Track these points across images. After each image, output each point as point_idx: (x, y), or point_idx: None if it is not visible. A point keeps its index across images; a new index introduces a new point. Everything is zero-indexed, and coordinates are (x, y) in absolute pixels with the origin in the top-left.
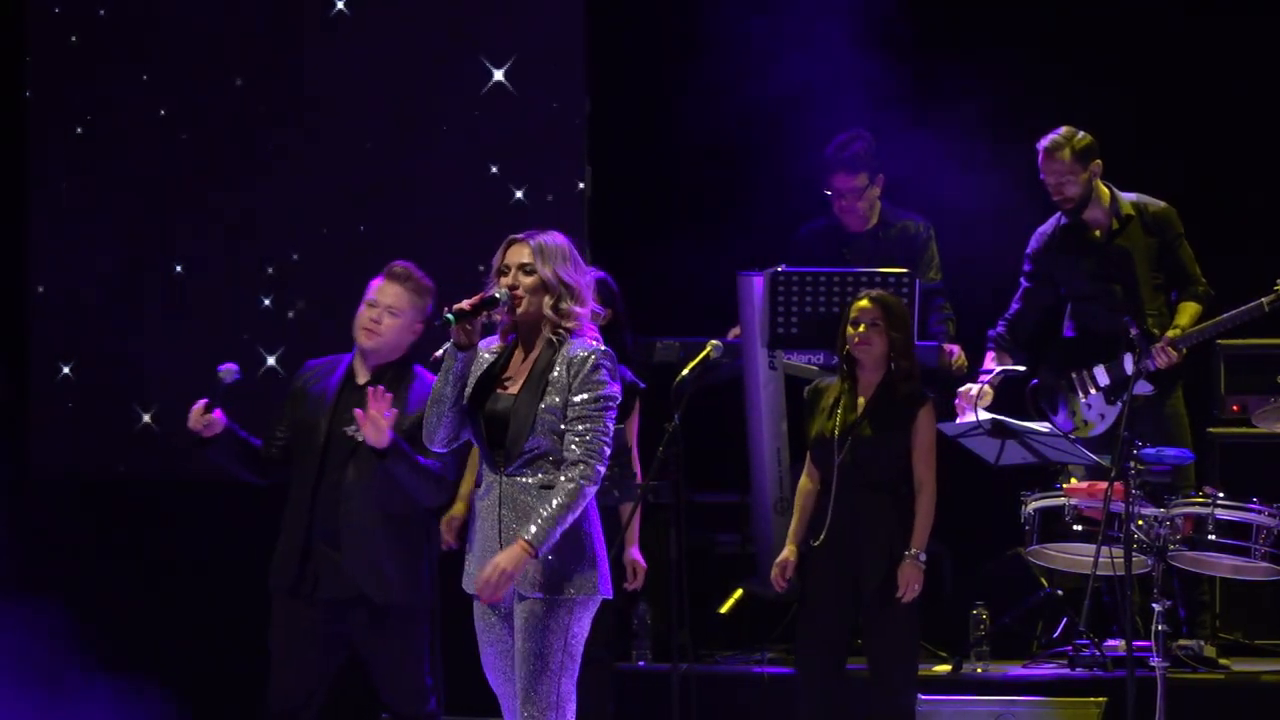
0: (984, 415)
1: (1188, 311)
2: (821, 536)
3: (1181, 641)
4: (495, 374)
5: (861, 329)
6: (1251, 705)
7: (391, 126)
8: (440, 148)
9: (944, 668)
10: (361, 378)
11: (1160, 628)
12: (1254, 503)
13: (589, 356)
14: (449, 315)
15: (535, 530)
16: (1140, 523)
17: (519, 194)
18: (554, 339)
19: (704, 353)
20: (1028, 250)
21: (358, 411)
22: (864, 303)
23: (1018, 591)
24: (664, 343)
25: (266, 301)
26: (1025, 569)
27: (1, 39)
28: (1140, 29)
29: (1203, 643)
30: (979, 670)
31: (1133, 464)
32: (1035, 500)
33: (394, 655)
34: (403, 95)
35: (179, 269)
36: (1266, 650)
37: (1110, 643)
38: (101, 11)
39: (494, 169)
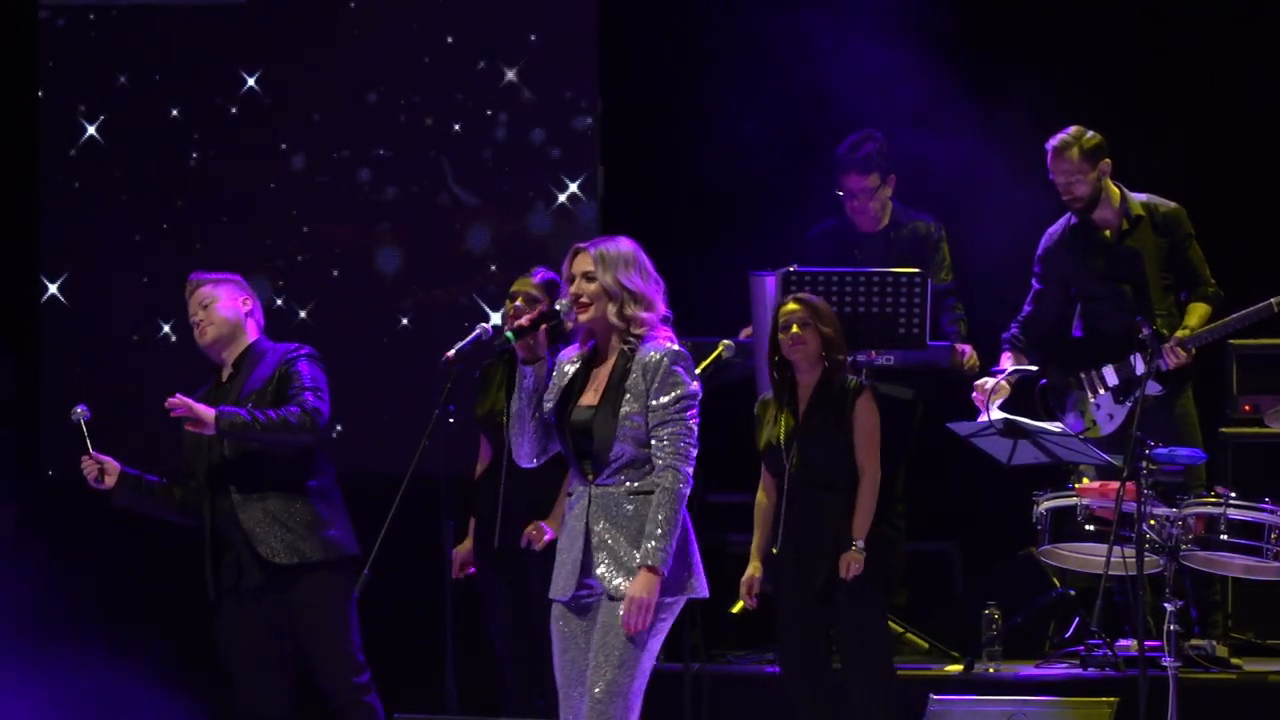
0: (996, 415)
1: (1197, 312)
2: (778, 544)
3: (1193, 641)
4: (576, 385)
5: (794, 330)
6: (1263, 705)
7: (403, 126)
8: (452, 148)
9: (956, 667)
10: (225, 374)
11: (1172, 627)
12: (1266, 502)
13: (662, 358)
14: (509, 334)
15: (651, 550)
16: (1152, 522)
17: (531, 194)
18: (626, 346)
19: (716, 352)
20: (1038, 251)
21: (173, 413)
22: (790, 305)
23: (1030, 591)
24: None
25: (279, 301)
26: (1037, 569)
27: (13, 40)
28: (1148, 30)
29: (1215, 643)
30: (991, 670)
31: (1145, 464)
32: (1047, 500)
33: (320, 622)
34: (414, 95)
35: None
36: (1278, 650)
37: (1122, 643)
38: (113, 12)
39: (506, 168)
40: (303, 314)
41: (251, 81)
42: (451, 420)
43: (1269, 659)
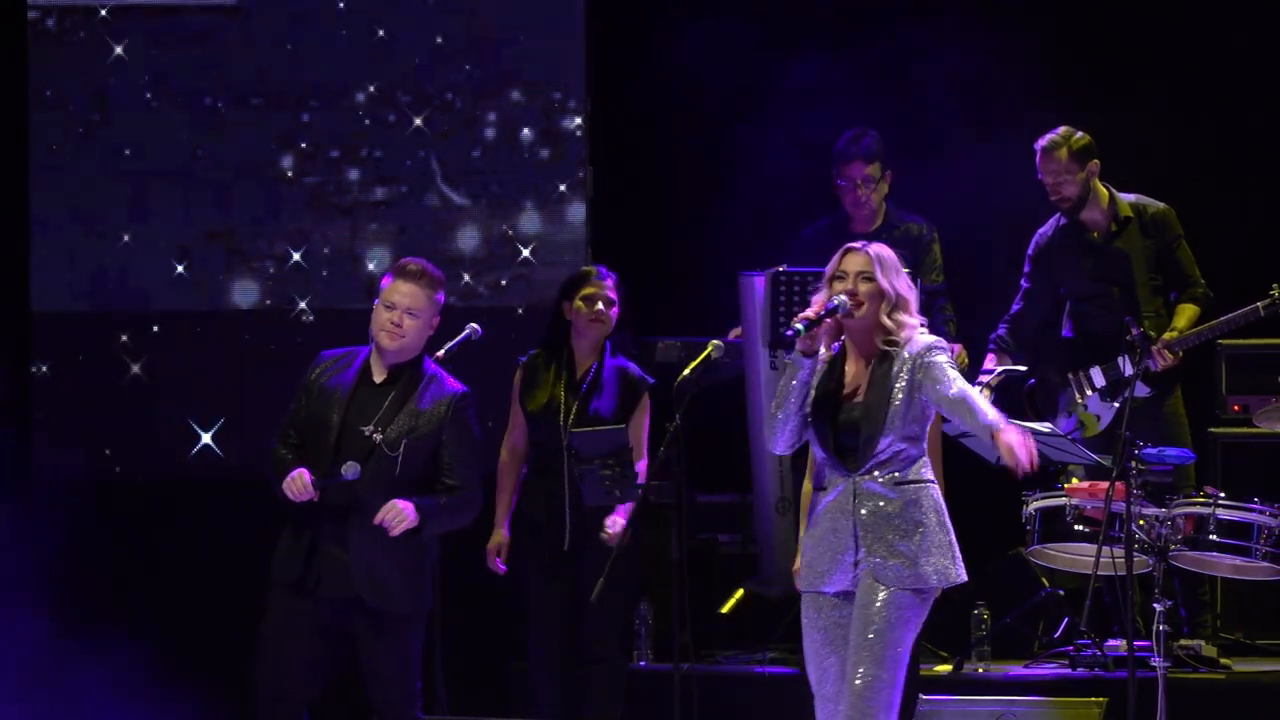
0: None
1: (1185, 314)
2: None
3: (1182, 641)
4: (833, 382)
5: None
6: (1252, 705)
7: (392, 126)
8: (443, 147)
9: (945, 668)
10: (378, 376)
11: (1161, 628)
12: (1255, 502)
13: (926, 350)
14: (799, 326)
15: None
16: (1141, 523)
17: (520, 195)
18: (887, 346)
19: (705, 353)
20: (1028, 251)
21: (379, 520)
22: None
23: (1019, 591)
24: (665, 343)
25: (268, 301)
26: (1026, 569)
27: (3, 38)
28: (1138, 29)
29: (1204, 643)
30: (980, 670)
31: (1134, 464)
32: (1036, 500)
33: (389, 661)
34: (404, 95)
35: (180, 269)
36: (1267, 650)
37: (1111, 643)
38: (103, 12)
39: (495, 169)
40: (292, 314)
41: (240, 81)
42: None
43: (1258, 659)
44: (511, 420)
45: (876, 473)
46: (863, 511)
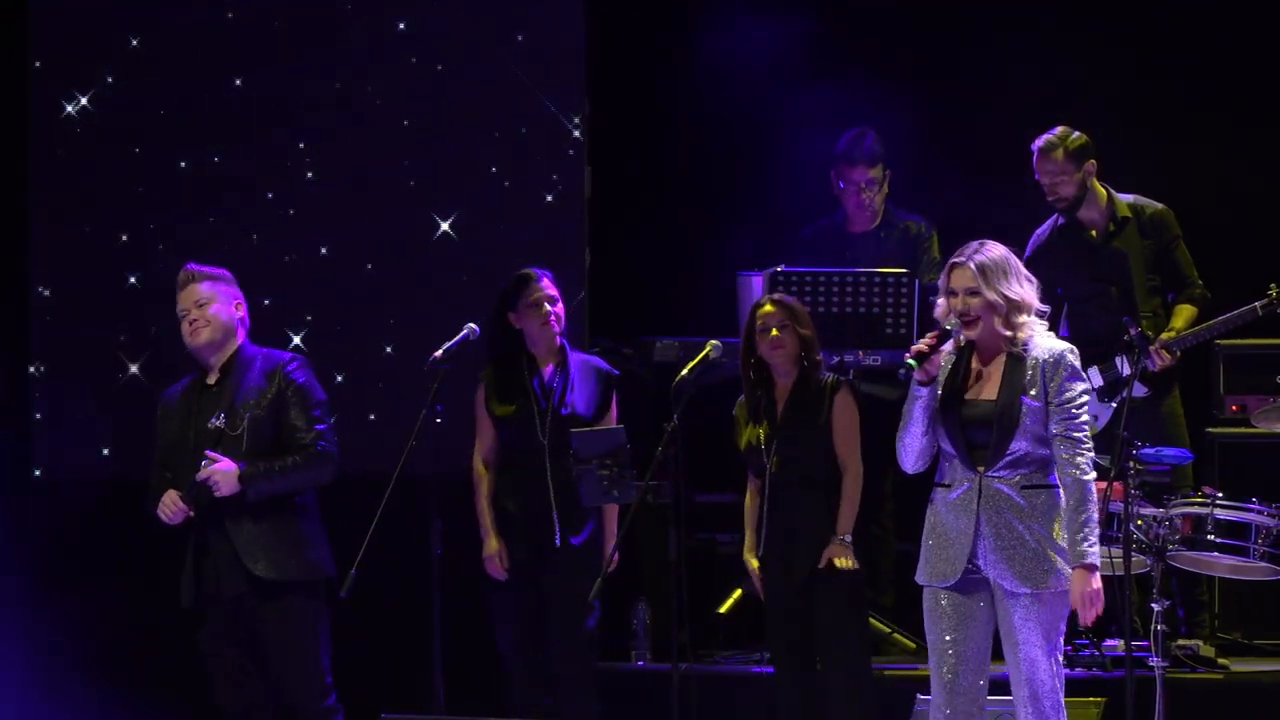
0: None
1: (1183, 314)
2: (761, 546)
3: (1180, 641)
4: (958, 382)
5: (773, 333)
6: (1250, 705)
7: (390, 128)
8: (439, 149)
9: None
10: (212, 378)
11: (1159, 627)
12: (1253, 502)
13: (1061, 356)
14: (910, 361)
15: (1085, 549)
16: (1139, 522)
17: (518, 196)
18: (1015, 347)
19: (703, 353)
20: (1025, 253)
21: (200, 476)
22: (767, 308)
23: None
24: (663, 342)
25: (266, 302)
26: None
27: (3, 38)
28: (1135, 30)
29: (1201, 643)
30: None
31: (1132, 464)
32: None
33: (292, 640)
34: (401, 97)
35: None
36: (1265, 650)
37: (1109, 643)
38: (103, 10)
39: (493, 169)
40: (291, 316)
41: (239, 82)
42: (439, 420)
43: (1256, 659)
44: (479, 430)
45: (1006, 473)
46: (990, 512)
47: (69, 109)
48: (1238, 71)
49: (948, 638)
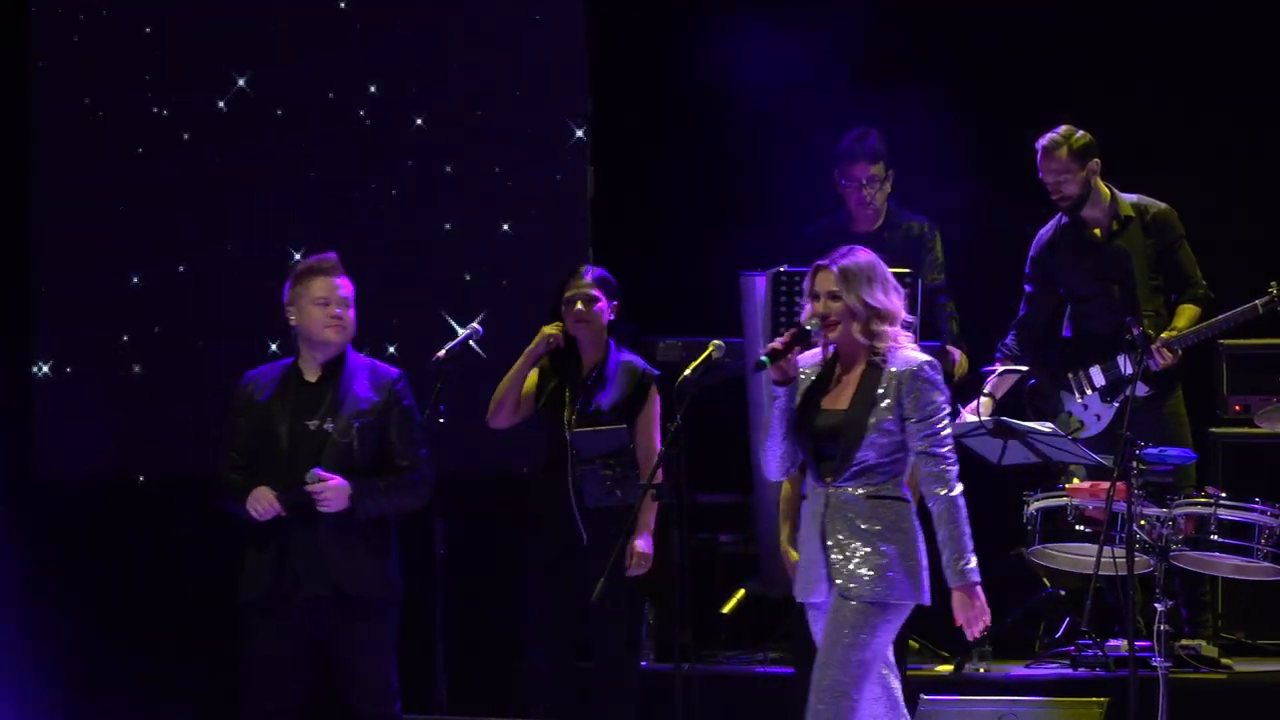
0: (987, 415)
1: (1186, 314)
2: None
3: (1183, 641)
4: (818, 387)
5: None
6: (1253, 705)
7: (393, 130)
8: (444, 149)
9: (946, 668)
10: (311, 375)
11: (1162, 628)
12: (1256, 503)
13: (916, 370)
14: (764, 359)
15: (964, 569)
16: (1142, 523)
17: (522, 194)
18: (875, 356)
19: (706, 353)
20: (1030, 254)
21: (314, 491)
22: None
23: (1020, 592)
24: (666, 343)
25: (271, 300)
26: (1028, 569)
27: (5, 40)
28: (1136, 26)
29: (1205, 643)
30: (981, 670)
31: (1135, 464)
32: (1038, 500)
33: (368, 653)
34: (404, 98)
35: (181, 269)
36: (1268, 650)
37: (1112, 643)
38: (104, 11)
39: (496, 169)
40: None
41: (241, 83)
42: (442, 420)
43: (1259, 659)
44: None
45: (852, 484)
46: (835, 523)
47: (71, 108)
48: (1238, 69)
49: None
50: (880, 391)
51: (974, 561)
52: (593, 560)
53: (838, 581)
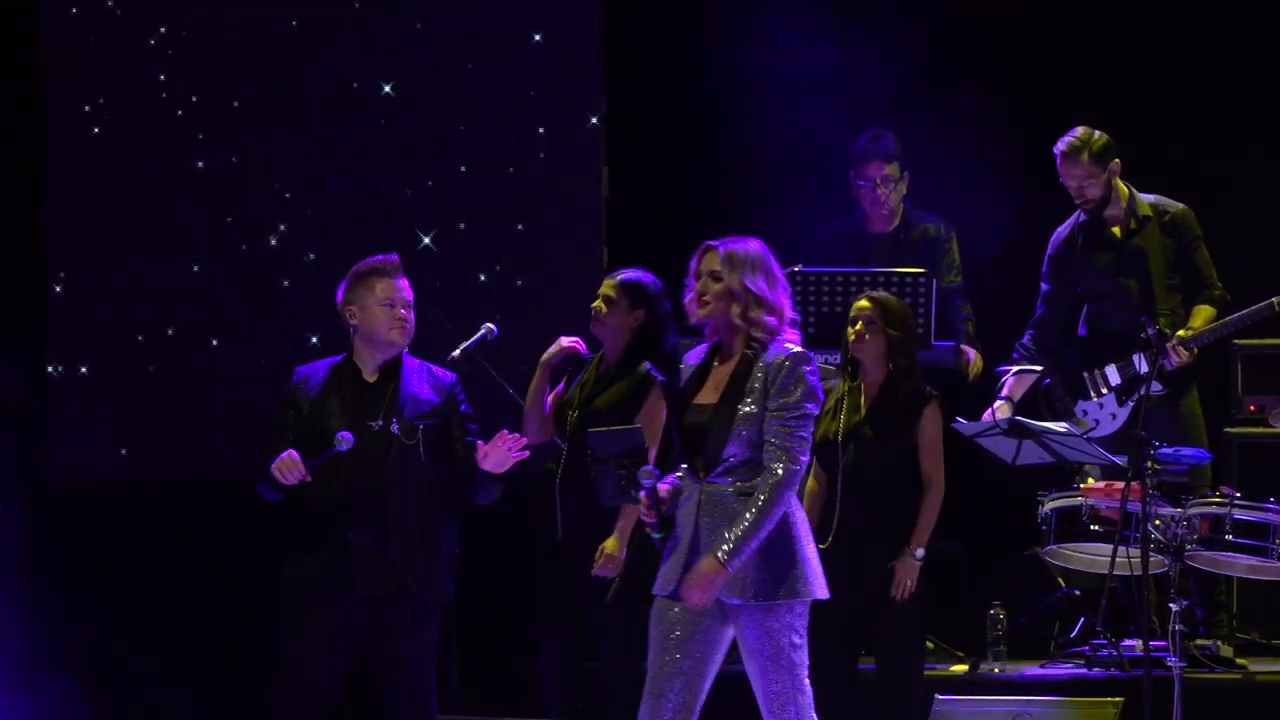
0: (1001, 414)
1: (1202, 314)
2: (829, 539)
3: (1198, 641)
4: (694, 381)
5: (859, 327)
6: (1268, 705)
7: (408, 128)
8: (458, 150)
9: (961, 667)
10: (370, 375)
11: (1177, 627)
12: (1271, 503)
13: (785, 361)
14: (659, 535)
15: (728, 546)
16: (1157, 522)
17: (536, 194)
18: (750, 350)
19: None
20: (1047, 253)
21: (486, 446)
22: (863, 303)
23: (1035, 591)
24: (681, 343)
25: (286, 300)
26: (1042, 569)
27: (17, 40)
28: (1153, 26)
29: (1219, 642)
30: (996, 670)
31: (1150, 464)
32: (1052, 500)
33: (415, 655)
34: (420, 97)
35: (195, 268)
36: None
37: (1127, 643)
38: (118, 11)
39: (511, 168)
40: (309, 315)
41: (255, 80)
42: None
43: (1274, 659)
44: None
45: (724, 480)
46: (707, 519)
47: (84, 107)
48: (1260, 69)
49: (665, 646)
50: (751, 384)
51: (741, 554)
52: (575, 557)
53: (728, 586)
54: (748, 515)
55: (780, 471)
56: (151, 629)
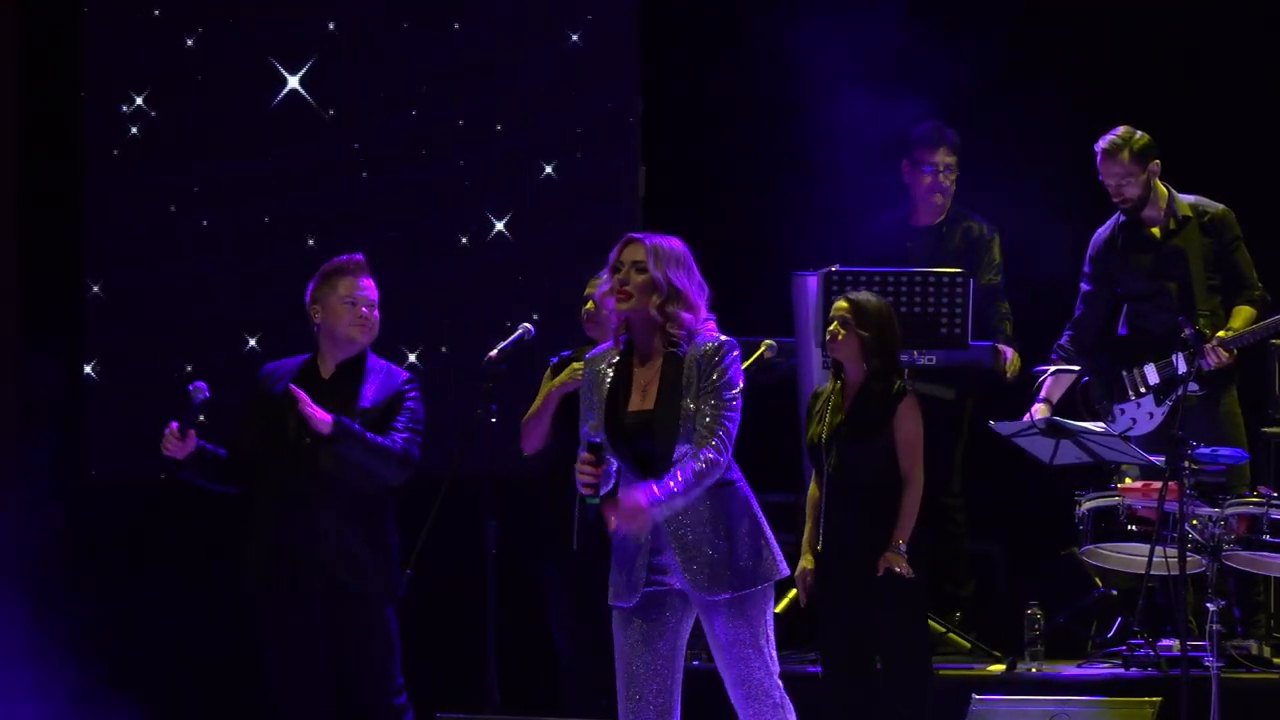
0: (1038, 414)
1: (1242, 315)
2: (820, 543)
3: (1236, 641)
4: (620, 389)
5: (833, 328)
6: None
7: (446, 126)
8: (494, 148)
9: (999, 667)
10: (326, 372)
11: (1214, 627)
12: None
13: (714, 348)
14: (593, 499)
15: (662, 499)
16: (1195, 522)
17: (573, 193)
18: (671, 348)
19: (758, 352)
20: (1088, 253)
21: (302, 408)
22: (841, 304)
23: (1072, 591)
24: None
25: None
26: (1080, 569)
27: (56, 42)
28: (1193, 26)
29: (1257, 642)
30: (1034, 670)
31: (1187, 464)
32: (1090, 500)
33: (371, 646)
34: (456, 95)
35: (231, 269)
36: None
37: (1165, 643)
38: (155, 11)
39: (548, 169)
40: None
41: (292, 83)
42: (494, 420)
43: None
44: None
45: None
46: (672, 523)
47: (122, 110)
48: None
49: (631, 655)
50: (687, 379)
51: (670, 502)
52: (592, 564)
53: (698, 583)
54: (682, 481)
55: (713, 458)
56: (190, 627)
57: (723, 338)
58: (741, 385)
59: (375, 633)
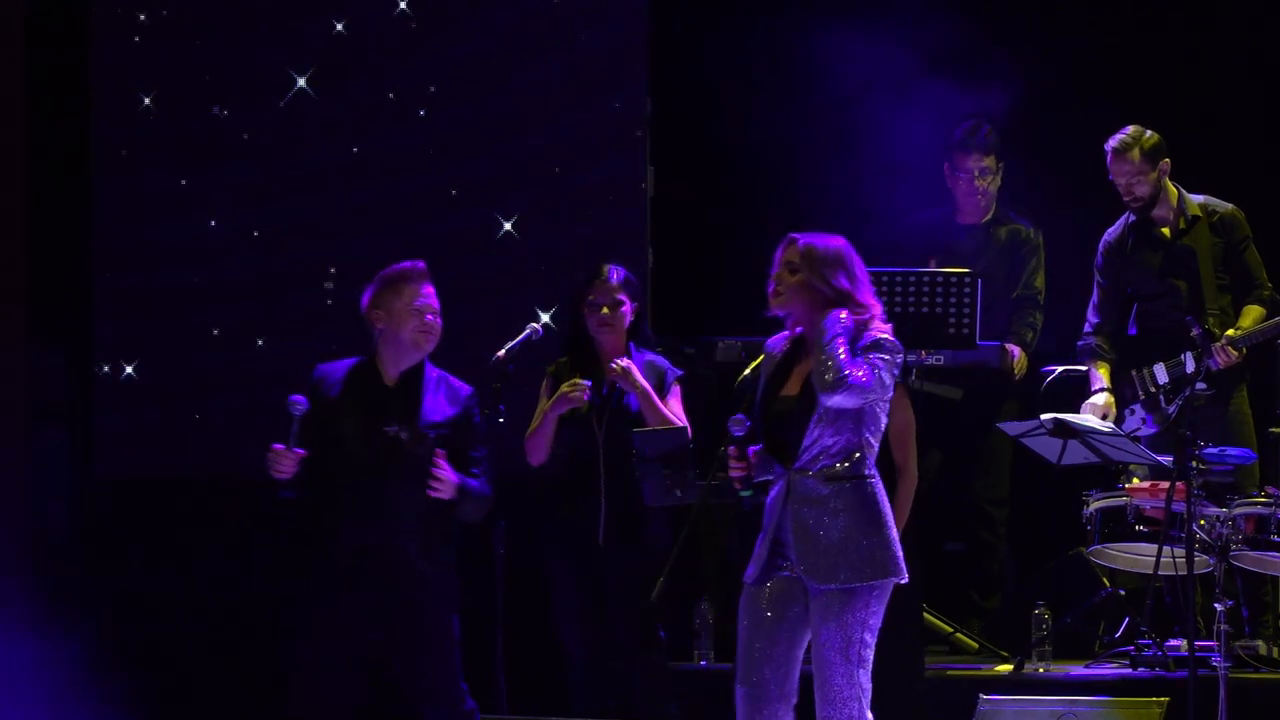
0: (1046, 415)
1: (1251, 314)
2: None
3: (1244, 641)
4: (779, 375)
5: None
6: None
7: (453, 129)
8: (503, 149)
9: (1006, 667)
10: (389, 379)
11: (1222, 628)
12: None
13: (870, 345)
14: (748, 492)
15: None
16: (1202, 522)
17: (582, 193)
18: None
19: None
20: (1099, 253)
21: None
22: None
23: (1080, 591)
24: (725, 342)
25: (329, 302)
26: (1087, 569)
27: (66, 41)
28: (1204, 26)
29: (1265, 643)
30: (1041, 670)
31: (1195, 464)
32: (1097, 500)
33: (440, 643)
34: (465, 95)
35: (242, 268)
36: None
37: (1172, 643)
38: (164, 10)
39: (557, 169)
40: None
41: (302, 83)
42: (501, 420)
43: None
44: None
45: (809, 469)
46: (795, 507)
47: (132, 108)
48: None
49: (757, 634)
50: None
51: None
52: (611, 560)
53: (813, 571)
54: (831, 347)
55: (859, 374)
56: (199, 627)
57: (881, 336)
58: (900, 359)
59: (443, 628)
